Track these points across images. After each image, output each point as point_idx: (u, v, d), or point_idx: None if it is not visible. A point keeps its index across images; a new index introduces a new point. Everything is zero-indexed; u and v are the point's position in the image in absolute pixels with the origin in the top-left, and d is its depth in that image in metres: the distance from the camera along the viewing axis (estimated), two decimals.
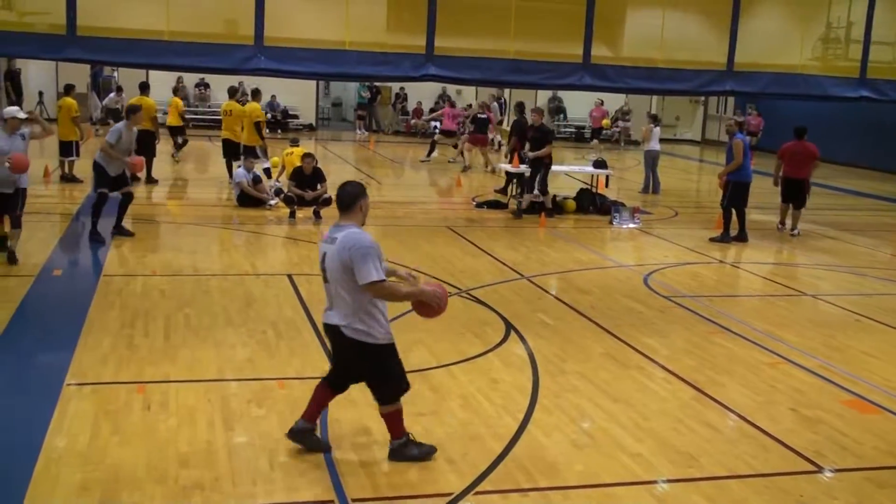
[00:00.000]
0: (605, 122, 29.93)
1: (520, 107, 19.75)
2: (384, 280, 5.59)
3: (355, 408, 6.81)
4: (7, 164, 10.25)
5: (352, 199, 5.72)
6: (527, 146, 16.40)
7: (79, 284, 10.63)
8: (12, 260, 10.60)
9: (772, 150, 29.04)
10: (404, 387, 5.89)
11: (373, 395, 5.90)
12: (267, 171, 17.24)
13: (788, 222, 15.91)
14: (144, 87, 18.65)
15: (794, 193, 15.73)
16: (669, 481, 5.92)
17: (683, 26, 16.09)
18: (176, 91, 27.33)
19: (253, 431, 6.30)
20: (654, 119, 20.72)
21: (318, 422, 6.06)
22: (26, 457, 5.69)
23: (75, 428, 6.12)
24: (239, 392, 7.04)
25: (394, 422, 5.89)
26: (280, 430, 6.28)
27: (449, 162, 24.83)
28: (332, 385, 6.04)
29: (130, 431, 6.10)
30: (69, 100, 17.88)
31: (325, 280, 5.74)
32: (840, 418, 7.17)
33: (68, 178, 17.61)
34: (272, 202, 15.57)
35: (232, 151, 17.96)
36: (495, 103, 31.94)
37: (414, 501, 5.44)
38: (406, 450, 5.89)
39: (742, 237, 14.72)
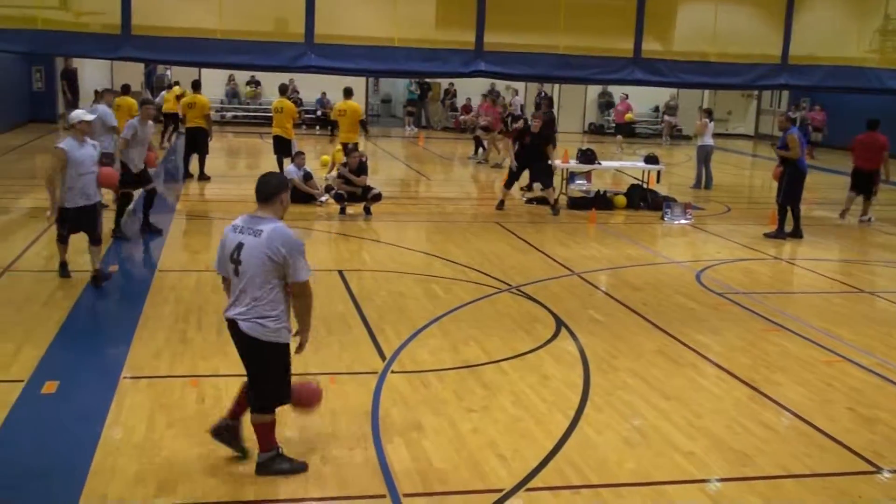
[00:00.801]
0: (629, 116, 29.56)
1: (548, 101, 19.67)
2: (307, 280, 5.43)
3: (406, 403, 6.83)
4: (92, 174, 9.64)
5: (273, 190, 5.50)
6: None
7: (134, 280, 10.80)
8: (100, 281, 9.76)
9: (837, 147, 28.61)
10: (284, 396, 5.62)
11: (250, 399, 5.61)
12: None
13: (850, 214, 15.81)
14: (197, 86, 18.88)
15: (864, 184, 15.89)
16: (723, 480, 5.84)
17: (736, 19, 15.86)
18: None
19: (304, 426, 6.33)
20: (709, 114, 20.45)
21: (241, 419, 5.80)
22: (85, 448, 5.79)
23: (131, 420, 6.23)
24: None
25: (264, 433, 5.60)
26: (332, 426, 6.33)
27: (468, 158, 24.76)
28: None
29: (185, 424, 6.18)
30: (129, 99, 18.10)
31: (236, 273, 5.41)
32: None
33: None
34: (323, 199, 15.67)
35: (283, 148, 18.09)
36: (517, 98, 31.83)
37: (464, 497, 5.44)
38: (275, 464, 5.59)
39: (797, 233, 14.48)
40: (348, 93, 18.15)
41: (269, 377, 5.57)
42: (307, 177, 15.88)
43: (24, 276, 10.13)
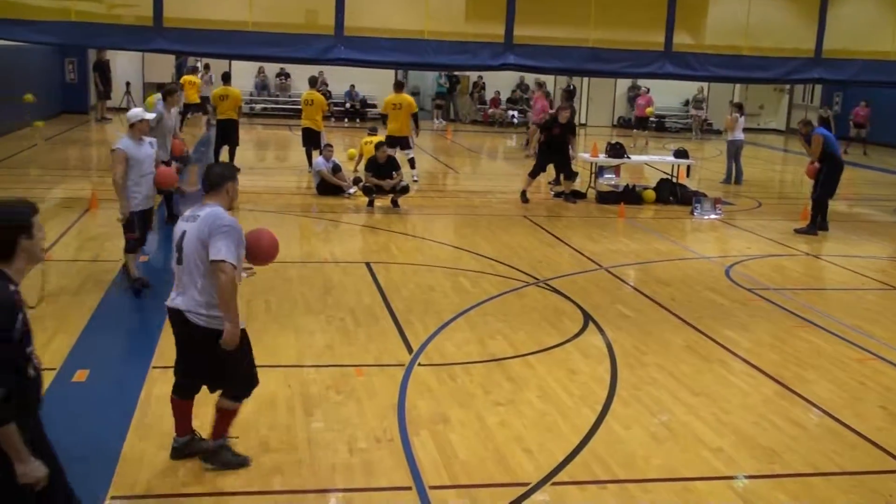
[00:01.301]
0: (650, 110, 29.20)
1: (570, 94, 19.60)
2: (234, 265, 5.16)
3: (433, 396, 6.84)
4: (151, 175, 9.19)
5: (218, 179, 5.36)
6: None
7: (164, 270, 10.86)
8: (142, 289, 9.27)
9: (882, 144, 28.23)
10: (255, 380, 5.57)
11: (224, 390, 5.49)
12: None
13: None
14: (227, 78, 18.93)
15: None
16: (751, 477, 5.80)
17: (769, 12, 15.68)
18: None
19: (332, 417, 6.37)
20: (739, 108, 20.26)
21: (193, 431, 5.71)
22: (115, 437, 5.86)
23: (160, 410, 6.27)
24: (318, 378, 7.12)
25: (226, 421, 5.54)
26: (359, 417, 6.35)
27: (527, 157, 24.64)
28: (183, 396, 5.62)
29: (211, 415, 6.22)
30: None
31: (179, 261, 5.32)
32: None
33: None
34: (351, 191, 15.71)
35: (312, 140, 18.12)
36: (540, 91, 31.62)
37: (491, 490, 5.44)
38: (223, 453, 5.53)
39: (823, 226, 14.35)
40: (399, 86, 18.11)
41: (237, 367, 5.43)
42: (336, 169, 15.92)
43: (56, 266, 10.23)
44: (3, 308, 3.53)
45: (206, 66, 28.35)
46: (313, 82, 19.33)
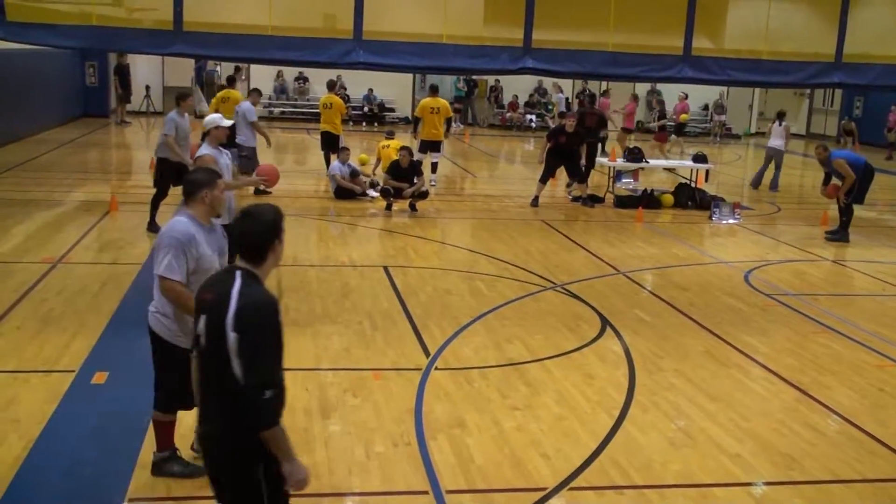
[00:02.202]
0: (684, 116, 28.95)
1: (591, 97, 19.56)
2: (171, 279, 5.04)
3: (450, 400, 6.84)
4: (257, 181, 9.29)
5: (193, 186, 5.17)
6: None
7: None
8: None
9: None
10: (173, 402, 5.34)
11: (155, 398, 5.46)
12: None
13: None
14: (232, 81, 18.72)
15: None
16: (769, 483, 5.76)
17: (789, 16, 15.59)
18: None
19: (349, 421, 6.37)
20: (780, 116, 20.02)
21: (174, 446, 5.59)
22: (134, 439, 5.88)
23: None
24: (335, 381, 7.14)
25: (158, 432, 5.46)
26: (376, 421, 6.36)
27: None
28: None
29: None
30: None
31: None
32: None
33: None
34: (373, 194, 15.67)
35: (331, 143, 18.11)
36: (560, 95, 31.53)
37: (507, 495, 5.43)
38: (167, 465, 5.43)
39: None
40: (434, 89, 18.12)
41: (158, 377, 5.38)
42: (354, 173, 15.94)
43: (75, 269, 10.30)
44: (274, 311, 3.60)
45: (237, 69, 28.34)
46: (331, 86, 19.36)
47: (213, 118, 8.53)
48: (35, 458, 5.60)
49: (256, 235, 3.68)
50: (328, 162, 17.97)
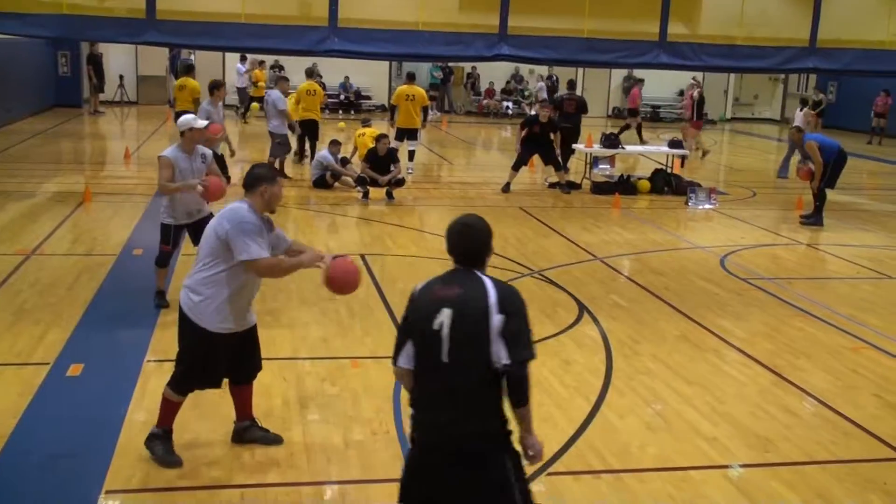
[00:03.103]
0: None
1: (571, 84, 19.63)
2: (261, 258, 5.16)
3: None
4: (199, 189, 8.10)
5: (253, 179, 5.30)
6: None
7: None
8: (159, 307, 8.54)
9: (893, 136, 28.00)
10: (185, 386, 5.49)
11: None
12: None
13: None
14: (189, 69, 18.45)
15: None
16: (746, 466, 5.81)
17: (764, 2, 15.71)
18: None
19: (327, 410, 6.37)
20: (803, 103, 19.99)
21: (252, 417, 5.84)
22: (110, 431, 5.86)
23: (155, 404, 6.22)
24: (313, 370, 7.13)
25: (164, 410, 5.54)
26: (354, 409, 6.35)
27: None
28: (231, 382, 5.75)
29: (209, 408, 6.21)
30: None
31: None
32: None
33: None
34: (359, 189, 15.30)
35: (314, 131, 17.92)
36: (540, 83, 31.51)
37: None
38: (153, 442, 5.50)
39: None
40: (411, 77, 18.03)
41: (182, 356, 5.49)
42: (344, 162, 15.83)
43: (49, 260, 10.21)
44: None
45: (261, 62, 28.21)
46: (310, 73, 19.22)
47: (187, 120, 8.17)
48: (10, 452, 5.56)
49: (483, 244, 4.06)
50: (303, 150, 17.86)
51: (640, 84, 26.21)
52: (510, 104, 33.12)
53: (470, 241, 4.03)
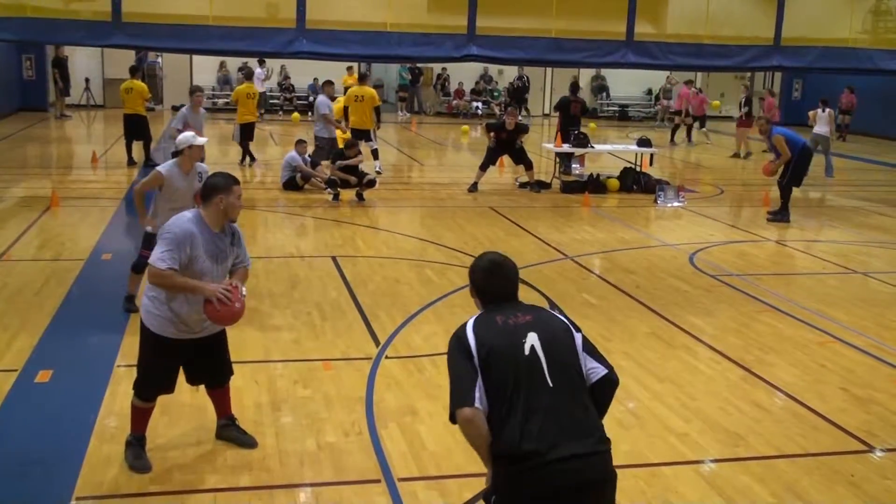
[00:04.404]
0: (716, 104, 27.65)
1: (573, 86, 19.65)
2: (162, 269, 5.05)
3: (400, 388, 6.85)
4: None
5: (209, 190, 5.27)
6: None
7: (128, 268, 10.75)
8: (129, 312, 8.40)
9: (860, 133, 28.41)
10: (145, 392, 5.47)
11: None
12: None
13: None
14: (134, 71, 18.35)
15: None
16: (717, 461, 5.87)
17: (729, 1, 15.85)
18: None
19: (300, 412, 6.35)
20: (824, 104, 20.09)
21: (230, 415, 5.89)
22: (80, 437, 5.81)
23: (126, 409, 6.18)
24: (285, 373, 7.11)
25: (132, 416, 5.54)
26: (327, 411, 6.35)
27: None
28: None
29: (179, 412, 6.18)
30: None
31: None
32: (893, 398, 7.05)
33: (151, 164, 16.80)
34: (329, 190, 15.20)
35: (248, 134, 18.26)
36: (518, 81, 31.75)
37: (460, 481, 5.46)
38: (126, 449, 5.51)
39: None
40: (363, 78, 18.06)
41: (139, 360, 5.50)
42: (315, 164, 15.78)
43: (16, 266, 10.10)
44: None
45: (261, 62, 28.21)
46: (249, 75, 19.35)
47: (186, 137, 7.76)
48: None
49: (517, 275, 4.16)
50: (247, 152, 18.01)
51: (688, 85, 26.35)
52: (479, 104, 33.19)
53: (507, 278, 4.10)
